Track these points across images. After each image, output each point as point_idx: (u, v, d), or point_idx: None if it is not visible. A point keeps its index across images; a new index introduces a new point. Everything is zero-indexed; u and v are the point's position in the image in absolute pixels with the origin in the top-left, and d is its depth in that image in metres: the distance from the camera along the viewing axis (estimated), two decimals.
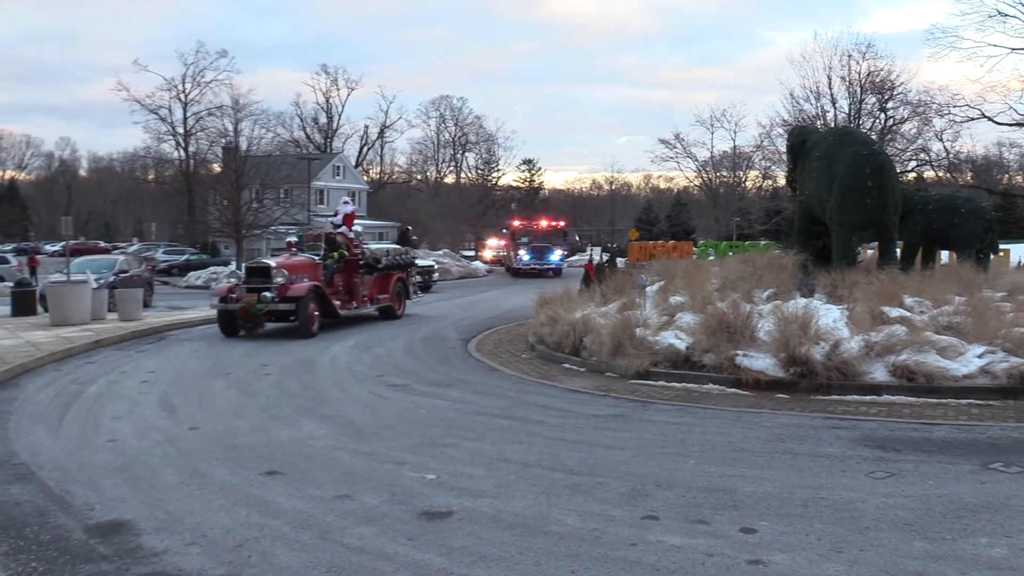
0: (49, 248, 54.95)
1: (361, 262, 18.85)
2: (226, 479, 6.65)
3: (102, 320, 18.51)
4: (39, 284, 22.94)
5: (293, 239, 19.54)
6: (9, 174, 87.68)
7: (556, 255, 41.09)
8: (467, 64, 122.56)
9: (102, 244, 63.34)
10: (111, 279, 22.53)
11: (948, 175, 40.87)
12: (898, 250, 16.21)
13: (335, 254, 18.07)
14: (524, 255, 40.64)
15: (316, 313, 16.46)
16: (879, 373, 9.87)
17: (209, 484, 6.52)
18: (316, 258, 17.76)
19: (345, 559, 4.95)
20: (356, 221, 20.29)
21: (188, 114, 55.22)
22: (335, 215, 20.00)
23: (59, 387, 10.98)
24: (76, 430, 8.53)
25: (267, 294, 15.91)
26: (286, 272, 16.40)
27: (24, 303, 19.98)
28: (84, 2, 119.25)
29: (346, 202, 20.61)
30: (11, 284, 23.48)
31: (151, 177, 65.59)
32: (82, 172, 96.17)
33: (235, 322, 16.49)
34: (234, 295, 16.40)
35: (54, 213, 66.88)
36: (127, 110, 73.05)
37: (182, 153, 56.35)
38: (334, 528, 5.49)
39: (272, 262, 17.11)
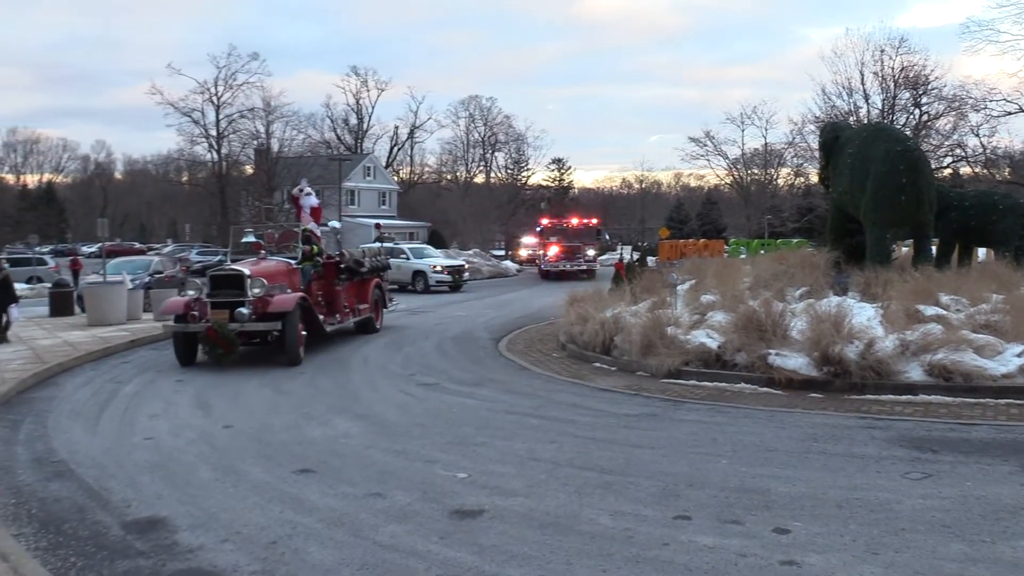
0: (85, 250, 55.82)
1: (342, 265, 15.71)
2: (260, 477, 6.72)
3: (138, 320, 18.77)
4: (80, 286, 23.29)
5: (252, 238, 15.84)
6: (46, 177, 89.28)
7: (589, 255, 37.43)
8: (497, 65, 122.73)
9: (137, 245, 64.38)
10: (146, 280, 22.84)
11: (985, 171, 40.11)
12: (933, 248, 15.99)
13: (312, 254, 14.75)
14: (553, 255, 37.29)
15: (304, 333, 13.16)
16: (915, 372, 9.72)
17: (243, 481, 6.59)
18: (292, 262, 14.31)
19: (377, 556, 4.98)
20: (331, 220, 17.92)
21: (220, 116, 55.84)
22: (296, 210, 16.94)
23: (96, 386, 11.16)
24: (113, 428, 8.67)
25: (243, 310, 12.36)
26: (264, 281, 12.87)
27: (62, 303, 20.33)
28: (121, 8, 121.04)
29: (308, 193, 16.88)
30: (49, 285, 23.90)
31: (185, 179, 66.44)
32: (117, 175, 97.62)
33: (195, 346, 12.81)
34: (194, 312, 12.70)
35: (90, 215, 68.02)
36: (161, 113, 74.30)
37: (215, 155, 57.02)
38: (366, 526, 5.52)
39: (245, 268, 13.07)
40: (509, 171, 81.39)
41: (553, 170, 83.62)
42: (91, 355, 13.63)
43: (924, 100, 42.61)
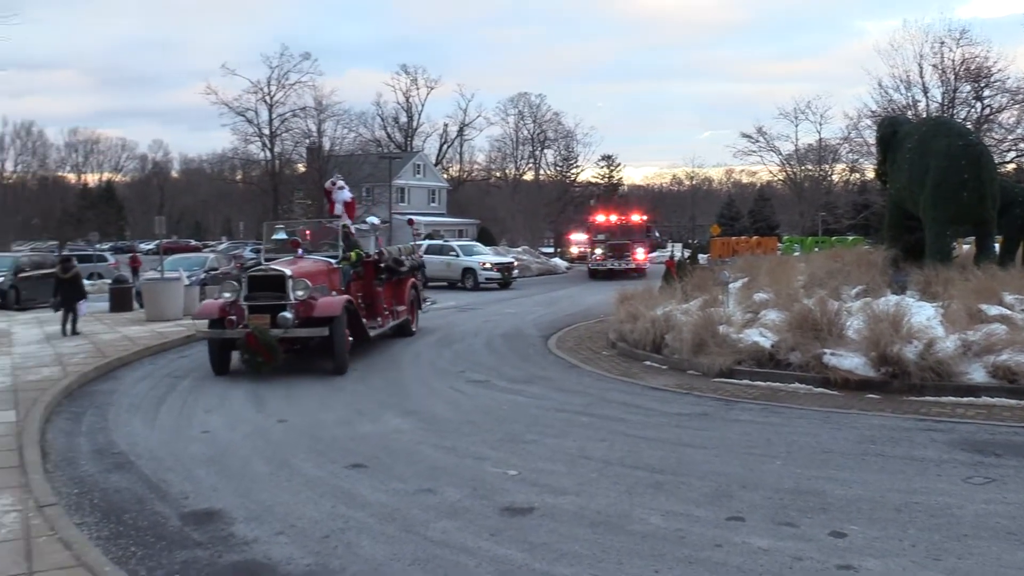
0: (143, 247, 57.21)
1: (382, 265, 14.70)
2: (313, 471, 6.80)
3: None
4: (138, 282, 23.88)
5: (283, 235, 14.76)
6: (106, 176, 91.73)
7: (639, 253, 35.35)
8: (549, 62, 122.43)
9: (193, 243, 65.81)
10: (202, 276, 23.28)
11: None
12: (996, 245, 15.52)
13: (352, 255, 13.85)
14: (600, 254, 35.64)
15: (350, 339, 12.24)
16: (977, 374, 9.45)
17: (297, 476, 6.68)
18: (332, 261, 13.28)
19: (428, 552, 5.00)
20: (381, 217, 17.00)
21: (273, 116, 56.59)
22: (329, 205, 15.64)
23: (154, 380, 11.42)
24: (171, 421, 8.87)
25: (286, 315, 11.31)
26: (308, 283, 11.80)
27: (121, 299, 20.84)
28: (178, 11, 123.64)
29: (341, 187, 15.61)
30: (109, 281, 24.53)
31: (239, 177, 67.51)
32: (174, 173, 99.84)
33: (230, 353, 11.78)
34: (231, 316, 11.52)
35: (148, 213, 69.57)
36: (216, 113, 75.64)
37: (268, 154, 57.86)
38: (418, 521, 5.55)
39: (286, 269, 11.91)
40: (558, 168, 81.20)
41: (602, 167, 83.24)
42: (149, 350, 13.95)
43: (986, 93, 41.33)
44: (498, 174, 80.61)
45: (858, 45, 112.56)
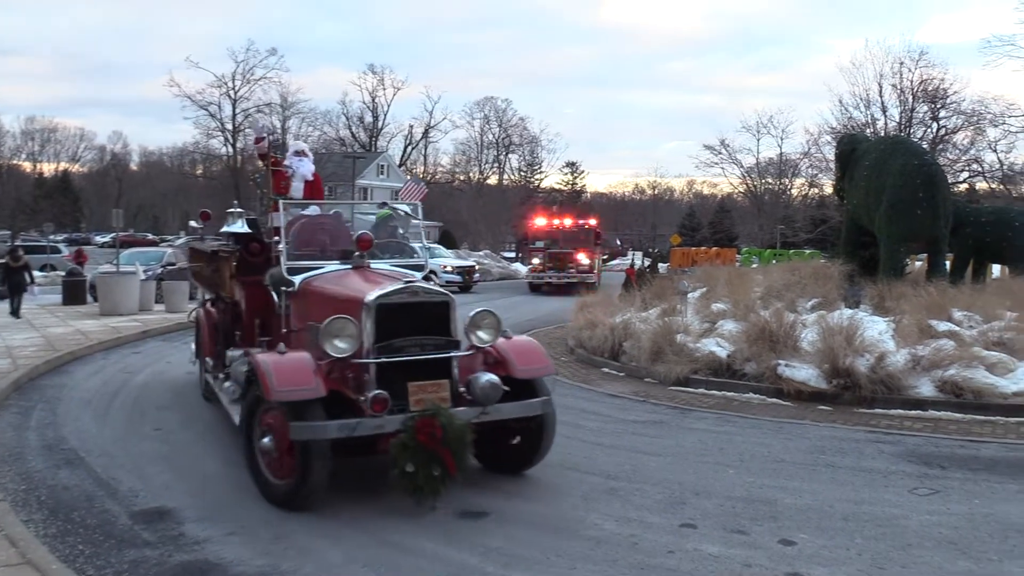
0: (99, 239, 56.18)
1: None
2: None
3: (149, 311, 18.89)
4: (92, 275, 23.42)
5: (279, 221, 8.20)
6: (63, 166, 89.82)
7: (583, 263, 29.37)
8: (519, 67, 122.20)
9: (150, 236, 64.76)
10: (159, 271, 22.96)
11: (1002, 187, 39.93)
12: (948, 263, 15.91)
13: None
14: (539, 264, 30.12)
15: None
16: (925, 388, 9.67)
17: (250, 477, 6.59)
18: (416, 274, 8.29)
19: (382, 554, 5.00)
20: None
21: (237, 111, 56.13)
22: (274, 178, 8.92)
23: (107, 375, 11.22)
24: (123, 418, 8.72)
25: (491, 378, 6.10)
26: (494, 315, 7.13)
27: (75, 292, 20.46)
28: (148, 1, 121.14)
29: (301, 154, 9.80)
30: (63, 273, 24.05)
31: (199, 172, 66.77)
32: (133, 166, 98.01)
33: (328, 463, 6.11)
34: (361, 394, 6.27)
35: (105, 205, 68.44)
36: (179, 106, 74.39)
37: (230, 149, 57.31)
38: (372, 527, 5.53)
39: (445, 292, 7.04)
40: (522, 173, 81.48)
41: (566, 173, 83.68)
42: (102, 344, 13.71)
43: (942, 114, 42.44)
44: (462, 177, 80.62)
45: (823, 62, 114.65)
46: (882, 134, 38.42)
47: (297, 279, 7.12)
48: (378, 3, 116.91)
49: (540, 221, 32.84)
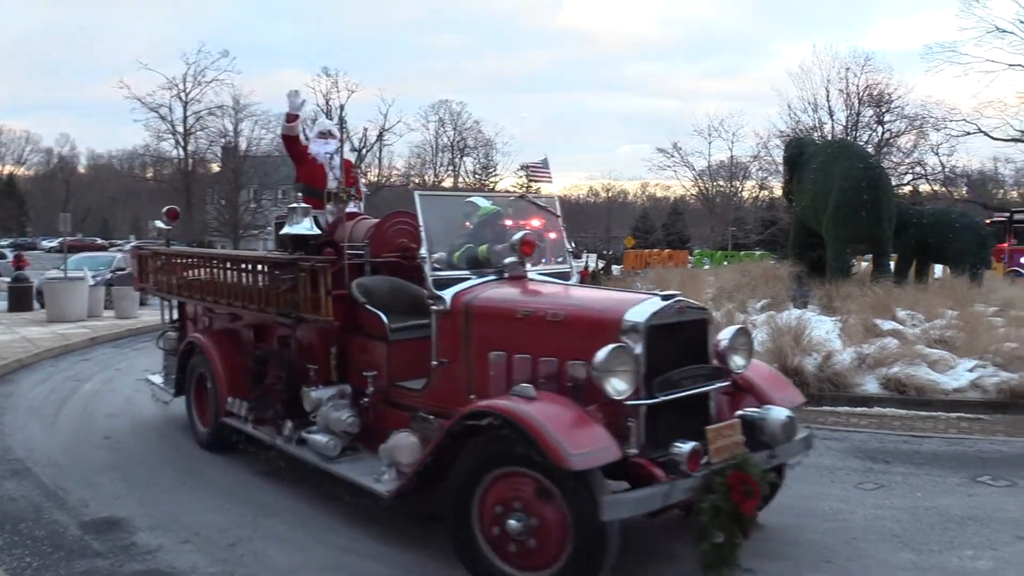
0: (46, 244, 54.84)
1: None
2: (221, 478, 6.68)
3: (98, 317, 18.52)
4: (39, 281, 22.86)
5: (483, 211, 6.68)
6: (7, 169, 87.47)
7: None
8: (478, 71, 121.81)
9: (99, 241, 63.33)
10: (108, 276, 22.51)
11: (943, 189, 41.07)
12: (892, 263, 16.33)
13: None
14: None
15: None
16: (870, 385, 9.93)
17: (204, 483, 6.55)
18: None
19: (337, 559, 5.00)
20: None
21: (188, 113, 55.13)
22: (303, 161, 8.38)
23: (55, 383, 11.00)
24: (71, 427, 8.56)
25: (787, 412, 5.27)
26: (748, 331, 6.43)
27: (20, 299, 19.97)
28: (98, 1, 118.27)
29: (325, 133, 8.77)
30: (8, 279, 23.46)
31: (149, 175, 65.48)
32: (80, 169, 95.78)
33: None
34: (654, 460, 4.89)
35: (52, 209, 66.77)
36: (128, 108, 72.73)
37: (181, 152, 56.31)
38: (325, 527, 5.53)
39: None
40: (477, 176, 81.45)
41: (521, 176, 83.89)
42: (50, 352, 13.41)
43: (887, 118, 43.40)
44: (417, 180, 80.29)
45: (774, 67, 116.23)
46: (829, 138, 39.22)
47: (447, 294, 5.41)
48: (333, 5, 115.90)
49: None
